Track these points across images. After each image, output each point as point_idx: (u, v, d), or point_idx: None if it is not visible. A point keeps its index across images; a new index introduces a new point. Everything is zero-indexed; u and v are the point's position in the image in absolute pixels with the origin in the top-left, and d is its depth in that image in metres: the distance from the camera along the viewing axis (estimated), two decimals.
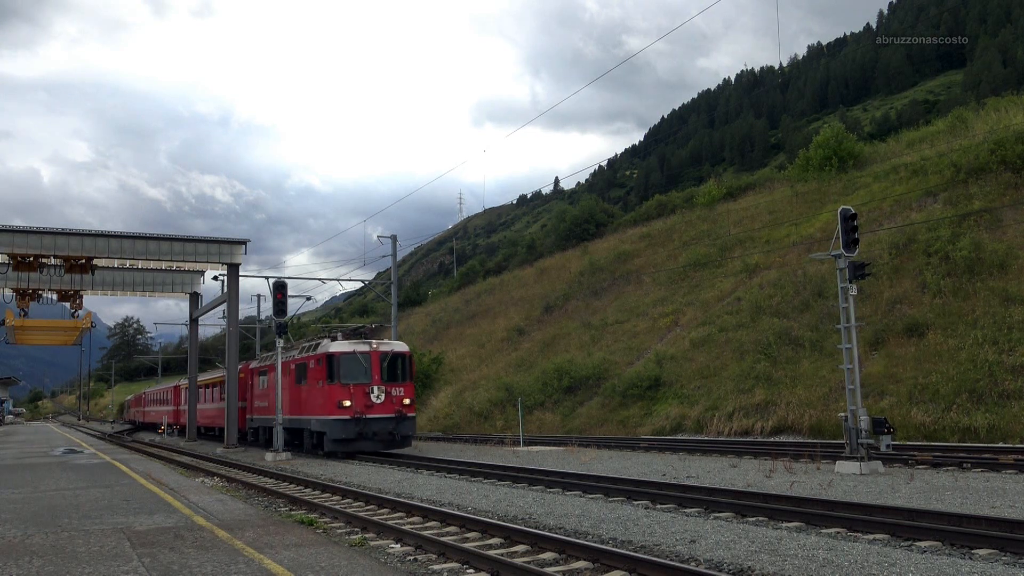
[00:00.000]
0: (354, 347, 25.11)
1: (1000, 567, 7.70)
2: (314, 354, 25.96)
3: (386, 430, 24.46)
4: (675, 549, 8.99)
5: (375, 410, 24.41)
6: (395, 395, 24.92)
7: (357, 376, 24.60)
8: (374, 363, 24.92)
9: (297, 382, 27.12)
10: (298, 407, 27.00)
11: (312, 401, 25.77)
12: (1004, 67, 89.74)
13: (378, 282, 56.03)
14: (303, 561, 8.67)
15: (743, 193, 52.86)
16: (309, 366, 26.12)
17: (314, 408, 25.62)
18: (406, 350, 26.31)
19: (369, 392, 24.46)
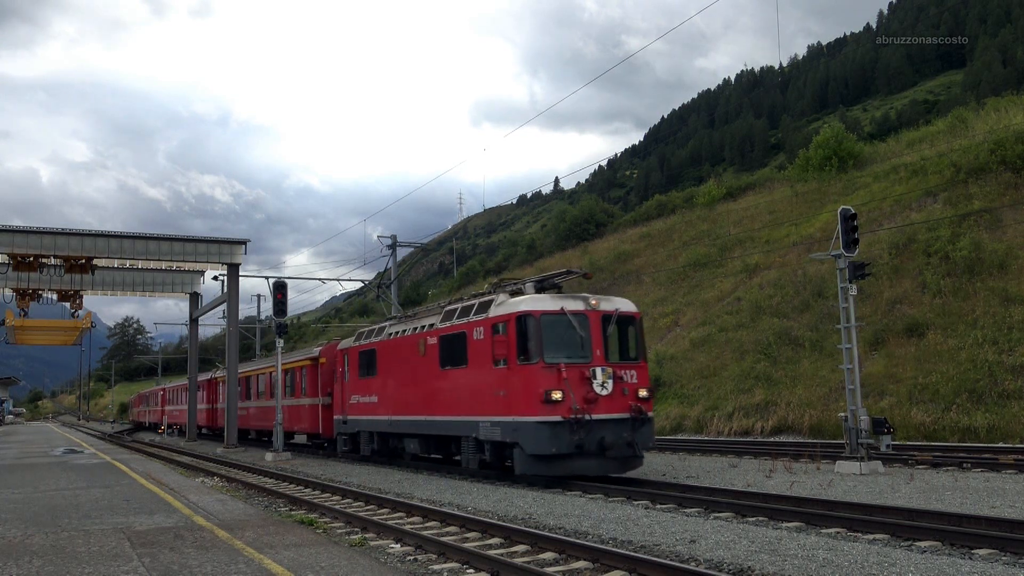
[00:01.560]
0: (561, 304, 15.80)
1: (1000, 567, 7.70)
2: (485, 317, 16.75)
3: (620, 440, 15.11)
4: (675, 549, 8.99)
5: (601, 407, 15.22)
6: (627, 382, 15.76)
7: (570, 351, 15.55)
8: (594, 330, 15.72)
9: (443, 364, 18.30)
10: (447, 402, 18.10)
11: (484, 393, 16.53)
12: (1004, 67, 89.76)
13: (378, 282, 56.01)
14: (303, 561, 8.67)
15: (743, 193, 52.87)
16: (472, 337, 17.09)
17: (490, 404, 16.30)
18: (635, 310, 17.20)
19: (590, 378, 15.26)
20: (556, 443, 14.87)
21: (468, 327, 17.32)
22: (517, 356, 15.46)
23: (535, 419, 15.02)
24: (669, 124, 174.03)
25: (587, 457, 15.17)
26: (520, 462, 15.52)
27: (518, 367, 15.44)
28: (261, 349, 60.89)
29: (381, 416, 21.70)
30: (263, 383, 34.41)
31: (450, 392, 17.99)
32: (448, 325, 18.32)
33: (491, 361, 16.15)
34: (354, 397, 23.45)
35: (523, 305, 15.82)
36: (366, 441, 22.93)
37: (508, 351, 15.59)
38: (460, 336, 17.67)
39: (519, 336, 15.52)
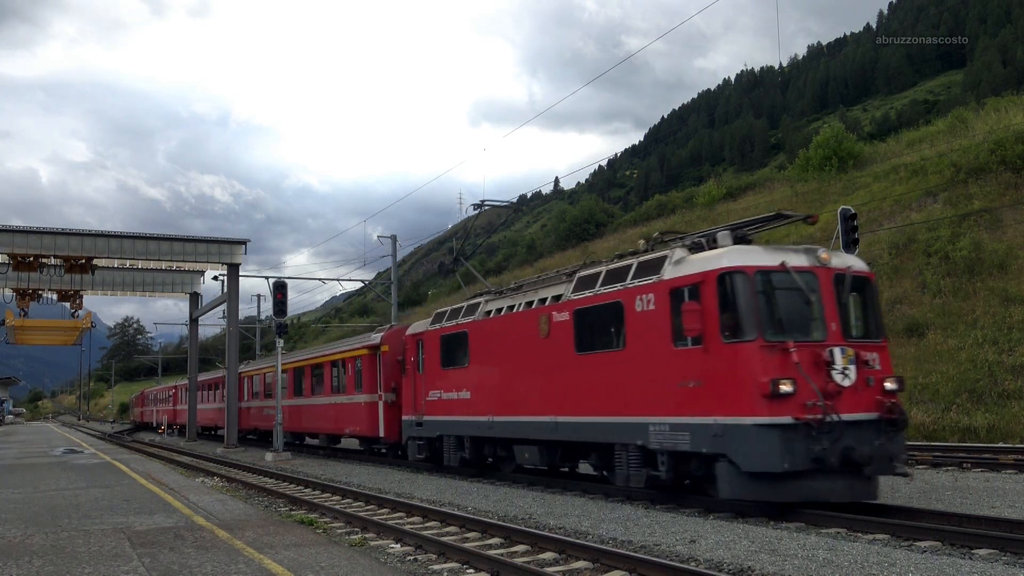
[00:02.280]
0: (781, 257, 11.49)
1: (1000, 567, 7.70)
2: (656, 279, 12.35)
3: (874, 450, 10.80)
4: (675, 549, 8.99)
5: (844, 403, 10.89)
6: (872, 368, 11.42)
7: (798, 325, 11.36)
8: (826, 295, 11.42)
9: (581, 347, 14.13)
10: (587, 398, 13.80)
11: (657, 384, 12.19)
12: (1004, 67, 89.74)
13: (378, 282, 56.02)
14: (303, 561, 8.67)
15: (743, 193, 52.90)
16: (633, 307, 12.70)
17: (668, 399, 11.94)
18: (869, 270, 12.63)
19: (829, 362, 10.99)
20: (788, 455, 10.46)
21: (625, 295, 12.89)
22: (721, 331, 11.04)
23: (754, 420, 10.62)
24: (669, 124, 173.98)
25: (829, 476, 10.68)
26: (728, 482, 10.98)
27: (723, 347, 11.01)
28: (261, 349, 60.90)
29: (476, 417, 17.38)
30: (308, 377, 29.80)
31: (593, 384, 13.64)
32: (588, 295, 13.99)
33: (668, 339, 11.91)
34: (434, 393, 19.22)
35: (727, 259, 11.35)
36: (452, 447, 18.47)
37: (705, 324, 11.14)
38: (611, 308, 13.31)
39: (724, 303, 11.16)
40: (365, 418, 23.56)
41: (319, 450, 29.33)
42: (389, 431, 22.27)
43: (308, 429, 29.73)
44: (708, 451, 11.22)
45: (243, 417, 36.28)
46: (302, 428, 30.04)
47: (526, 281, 17.61)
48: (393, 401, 22.16)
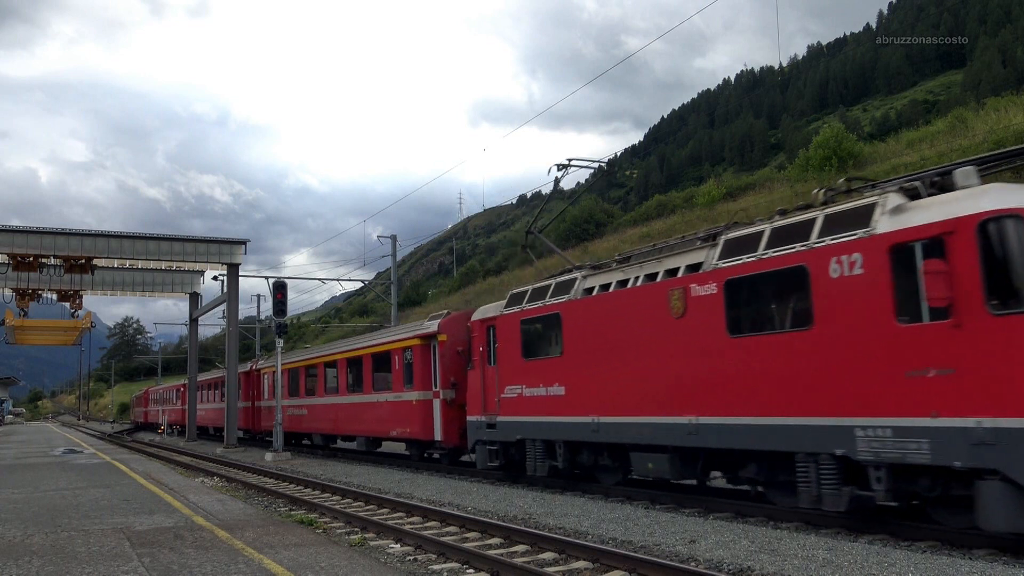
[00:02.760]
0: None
1: (999, 567, 7.70)
2: (866, 234, 9.56)
3: None
4: (675, 549, 8.99)
5: None
6: None
7: None
8: None
9: (735, 328, 11.39)
10: (751, 394, 10.96)
11: (870, 373, 9.40)
12: (1004, 67, 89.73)
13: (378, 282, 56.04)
14: (303, 561, 8.67)
15: (743, 193, 52.88)
16: (827, 274, 9.96)
17: (891, 394, 9.14)
18: None
19: None
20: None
21: (812, 258, 10.05)
22: (986, 299, 8.24)
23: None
24: (669, 124, 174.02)
25: None
26: (1003, 508, 8.03)
27: (991, 321, 8.18)
28: (261, 349, 60.91)
29: (574, 418, 14.38)
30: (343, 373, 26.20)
31: (757, 376, 10.78)
32: (746, 261, 11.09)
33: (888, 313, 9.09)
34: (512, 389, 16.16)
35: (990, 200, 8.52)
36: (538, 454, 15.40)
37: (958, 290, 8.39)
38: (787, 276, 10.48)
39: (989, 259, 8.32)
40: (417, 419, 20.52)
41: (318, 450, 29.31)
42: (447, 434, 19.35)
43: (343, 431, 26.39)
44: (965, 465, 8.23)
45: (263, 417, 33.70)
46: (334, 430, 27.10)
47: (636, 252, 14.50)
48: (452, 399, 19.29)
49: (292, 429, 29.56)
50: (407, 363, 21.39)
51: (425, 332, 20.61)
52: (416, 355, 20.89)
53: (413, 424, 20.93)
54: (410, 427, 21.13)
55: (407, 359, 21.48)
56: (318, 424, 28.09)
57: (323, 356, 28.67)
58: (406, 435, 21.62)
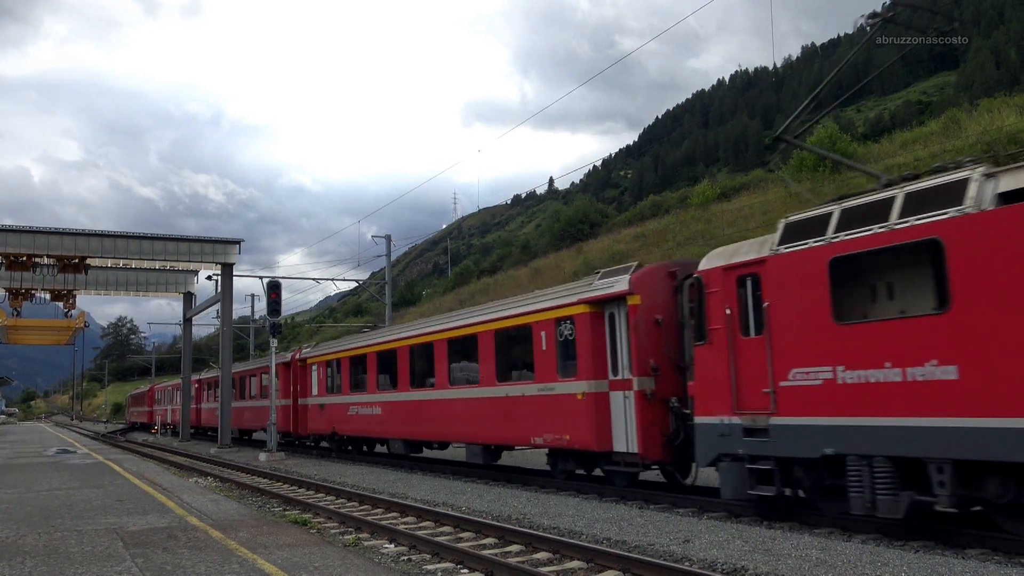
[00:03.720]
0: None
1: (992, 566, 7.73)
2: None
3: None
4: (669, 549, 9.00)
5: None
6: None
7: None
8: None
9: None
10: None
11: None
12: (997, 68, 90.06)
13: (372, 282, 56.02)
14: (297, 561, 8.67)
15: (737, 193, 53.04)
16: None
17: None
18: None
19: None
20: None
21: None
22: None
23: None
24: (663, 124, 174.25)
25: None
26: None
27: None
28: (255, 349, 60.80)
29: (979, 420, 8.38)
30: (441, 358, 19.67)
31: None
32: None
33: None
34: (807, 372, 10.28)
35: None
36: (881, 480, 9.26)
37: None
38: None
39: None
40: (584, 420, 14.30)
41: (312, 450, 29.26)
42: (648, 443, 13.28)
43: (443, 436, 19.77)
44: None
45: (311, 417, 27.79)
46: (428, 434, 20.35)
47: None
48: (652, 391, 13.41)
49: (357, 432, 24.48)
50: (562, 341, 15.25)
51: (598, 295, 14.43)
52: (581, 329, 14.70)
53: (576, 428, 14.56)
54: (570, 432, 14.73)
55: (562, 335, 15.33)
56: (400, 426, 21.43)
57: (408, 337, 21.49)
58: (562, 443, 15.01)
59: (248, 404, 36.04)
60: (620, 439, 13.76)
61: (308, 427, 28.05)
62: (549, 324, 15.59)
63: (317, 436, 27.97)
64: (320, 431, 27.13)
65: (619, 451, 13.75)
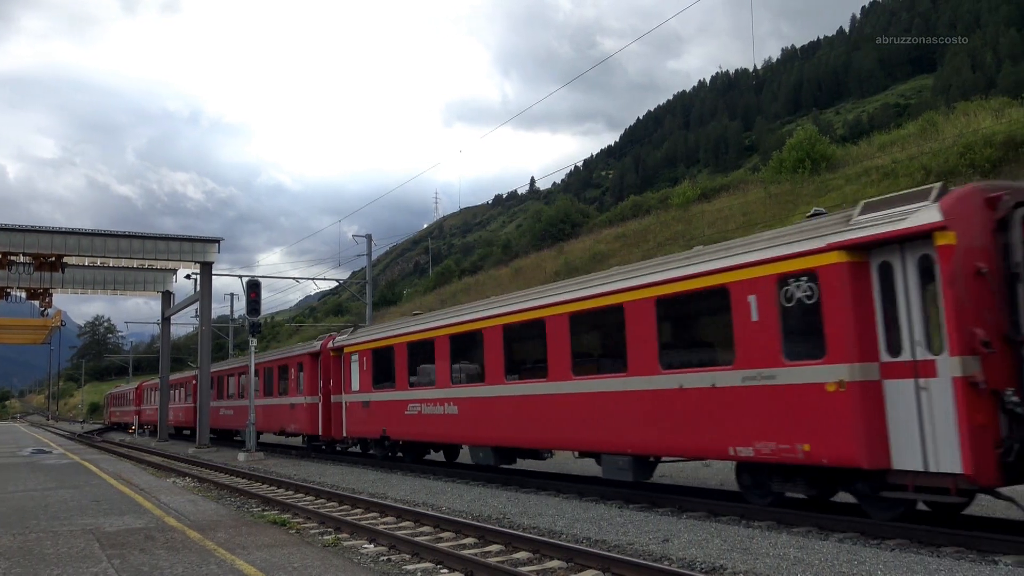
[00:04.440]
0: None
1: (966, 564, 7.82)
2: None
3: None
4: (648, 548, 9.04)
5: None
6: None
7: None
8: None
9: None
10: None
11: None
12: (973, 72, 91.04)
13: (353, 281, 55.88)
14: (275, 562, 8.63)
15: (717, 194, 53.29)
16: None
17: None
18: None
19: None
20: None
21: None
22: None
23: None
24: (644, 125, 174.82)
25: None
26: None
27: None
28: (234, 349, 60.45)
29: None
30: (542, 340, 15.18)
31: None
32: None
33: None
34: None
35: None
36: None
37: None
38: None
39: None
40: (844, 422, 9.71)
41: (292, 450, 29.11)
42: (980, 457, 8.69)
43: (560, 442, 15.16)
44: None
45: (351, 418, 22.92)
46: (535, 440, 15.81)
47: None
48: (982, 379, 8.79)
49: (419, 437, 19.77)
50: (792, 307, 10.61)
51: (872, 235, 9.78)
52: (834, 286, 10.04)
53: (826, 433, 9.98)
54: (813, 439, 10.13)
55: (791, 298, 10.62)
56: (488, 430, 16.76)
57: (503, 315, 16.44)
58: (793, 456, 10.38)
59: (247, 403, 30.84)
60: (909, 451, 9.25)
61: (346, 429, 23.11)
62: (765, 284, 10.92)
63: (358, 440, 23.35)
64: (363, 434, 22.40)
65: (906, 469, 9.26)
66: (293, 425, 27.25)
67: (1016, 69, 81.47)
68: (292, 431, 27.71)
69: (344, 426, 23.20)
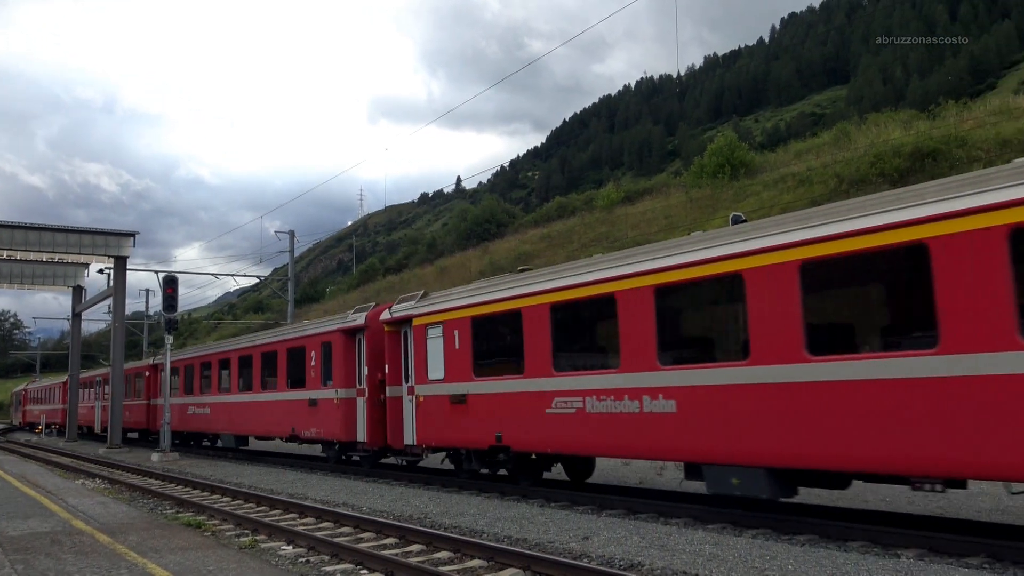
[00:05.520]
0: None
1: (871, 558, 8.13)
2: None
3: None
4: (568, 546, 9.13)
5: None
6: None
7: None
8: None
9: None
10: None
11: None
12: (884, 84, 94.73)
13: (274, 278, 54.88)
14: (190, 565, 8.43)
15: (641, 197, 54.17)
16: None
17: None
18: None
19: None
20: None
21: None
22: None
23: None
24: (570, 127, 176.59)
25: None
26: None
27: None
28: (149, 346, 58.69)
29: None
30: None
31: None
32: None
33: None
34: None
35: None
36: None
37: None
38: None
39: None
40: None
41: (209, 450, 28.42)
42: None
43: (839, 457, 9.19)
44: None
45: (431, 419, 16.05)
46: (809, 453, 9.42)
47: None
48: None
49: (576, 448, 13.04)
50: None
51: None
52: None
53: None
54: None
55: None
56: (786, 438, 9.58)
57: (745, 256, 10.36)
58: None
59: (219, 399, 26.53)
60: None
61: (417, 434, 16.38)
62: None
63: (445, 449, 16.19)
64: (452, 442, 15.58)
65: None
66: (313, 429, 20.30)
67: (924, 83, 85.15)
68: (311, 437, 20.61)
69: (413, 430, 16.54)
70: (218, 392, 26.73)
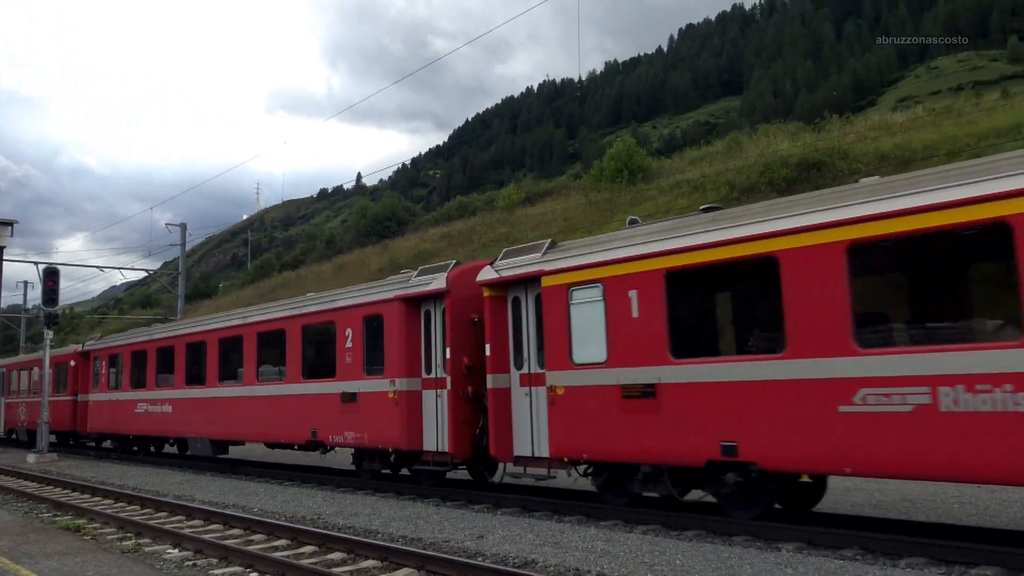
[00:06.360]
0: None
1: (754, 550, 8.47)
2: None
3: None
4: (463, 545, 9.16)
5: None
6: None
7: None
8: None
9: None
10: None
11: None
12: (775, 97, 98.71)
13: (164, 272, 52.98)
14: (67, 570, 8.07)
15: (541, 199, 54.75)
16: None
17: None
18: None
19: None
20: None
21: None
22: None
23: None
24: (472, 127, 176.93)
25: None
26: None
27: None
28: (27, 341, 55.70)
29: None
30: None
31: None
32: None
33: None
34: None
35: None
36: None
37: None
38: None
39: None
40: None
41: (90, 451, 27.19)
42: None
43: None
44: None
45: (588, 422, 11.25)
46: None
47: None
48: None
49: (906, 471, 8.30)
50: None
51: None
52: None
53: None
54: None
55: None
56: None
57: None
58: None
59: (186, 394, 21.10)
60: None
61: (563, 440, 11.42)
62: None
63: (605, 463, 11.26)
64: (639, 454, 10.59)
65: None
66: (350, 433, 15.36)
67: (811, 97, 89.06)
68: (346, 443, 15.62)
69: (541, 435, 11.94)
70: (186, 385, 21.04)
